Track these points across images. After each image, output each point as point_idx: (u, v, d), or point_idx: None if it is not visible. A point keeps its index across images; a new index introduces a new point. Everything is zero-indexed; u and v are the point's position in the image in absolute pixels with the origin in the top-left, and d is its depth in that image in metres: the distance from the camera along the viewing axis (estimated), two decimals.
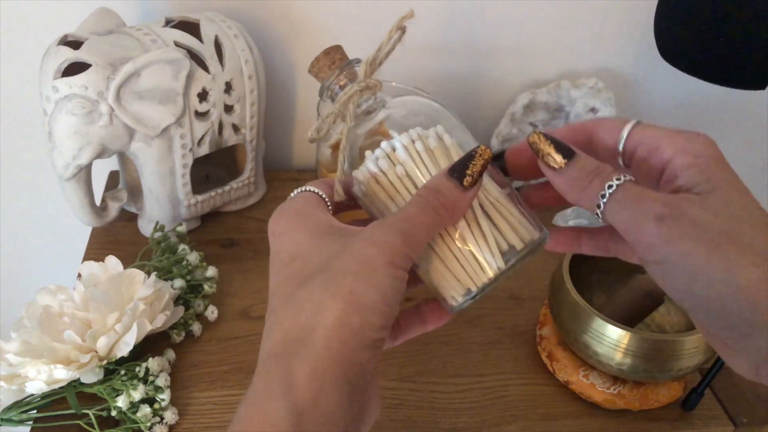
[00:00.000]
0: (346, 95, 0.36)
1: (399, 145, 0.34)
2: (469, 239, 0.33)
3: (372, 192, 0.34)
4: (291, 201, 0.34)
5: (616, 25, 0.80)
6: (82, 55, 0.56)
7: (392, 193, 0.34)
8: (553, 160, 0.31)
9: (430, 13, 0.76)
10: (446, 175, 0.31)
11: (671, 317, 0.61)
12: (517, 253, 0.33)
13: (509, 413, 0.55)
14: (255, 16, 0.74)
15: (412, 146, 0.34)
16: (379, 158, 0.34)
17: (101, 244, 0.68)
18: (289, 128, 0.83)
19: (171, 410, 0.52)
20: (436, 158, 0.34)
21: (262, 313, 0.62)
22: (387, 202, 0.34)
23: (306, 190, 0.34)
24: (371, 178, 0.34)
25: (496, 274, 0.32)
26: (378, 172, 0.34)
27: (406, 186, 0.33)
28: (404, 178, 0.33)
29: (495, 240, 0.33)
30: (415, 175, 0.33)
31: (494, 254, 0.33)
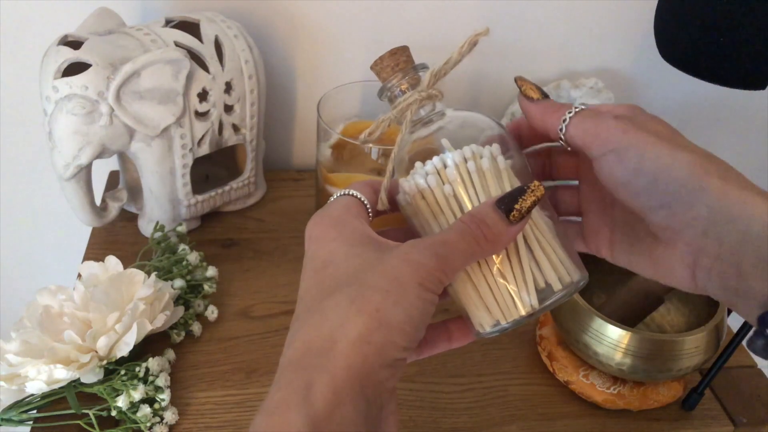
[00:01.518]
0: (406, 102, 0.35)
1: (450, 162, 0.33)
2: (507, 273, 0.32)
3: (416, 205, 0.34)
4: (331, 206, 0.33)
5: (616, 25, 0.80)
6: (82, 55, 0.56)
7: (436, 211, 0.33)
8: (533, 93, 0.35)
9: (429, 14, 0.76)
10: (493, 206, 0.31)
11: (671, 317, 0.61)
12: (554, 294, 0.32)
13: (509, 413, 0.55)
14: (255, 16, 0.74)
15: (464, 165, 0.33)
16: (428, 173, 0.33)
17: (101, 244, 0.68)
18: (289, 128, 0.83)
19: (171, 410, 0.52)
20: (487, 182, 0.33)
21: (262, 313, 0.63)
22: (429, 219, 0.33)
23: (348, 194, 0.34)
24: (417, 192, 0.33)
25: (529, 313, 0.32)
26: (425, 186, 0.33)
27: (452, 207, 0.33)
28: (450, 198, 0.33)
29: (533, 277, 0.32)
30: (462, 197, 0.33)
31: (530, 292, 0.32)
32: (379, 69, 0.36)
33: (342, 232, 0.31)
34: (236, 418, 0.53)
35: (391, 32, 0.77)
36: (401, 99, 0.35)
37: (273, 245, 0.70)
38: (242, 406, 0.54)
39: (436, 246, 0.29)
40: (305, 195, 0.77)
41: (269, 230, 0.72)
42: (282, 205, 0.76)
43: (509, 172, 0.34)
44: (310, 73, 0.79)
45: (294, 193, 0.78)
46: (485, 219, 0.31)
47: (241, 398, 0.55)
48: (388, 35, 0.77)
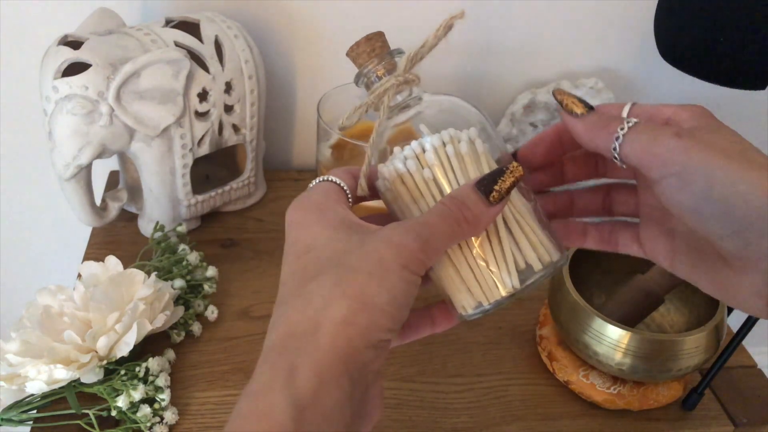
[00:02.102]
0: (383, 87, 0.35)
1: (429, 147, 0.33)
2: (488, 254, 0.32)
3: (396, 190, 0.34)
4: (311, 192, 0.33)
5: (616, 25, 0.80)
6: (82, 55, 0.56)
7: (416, 195, 0.33)
8: (577, 107, 0.32)
9: (429, 14, 0.76)
10: (473, 187, 0.31)
11: (671, 317, 0.61)
12: (534, 274, 0.32)
13: (509, 413, 0.55)
14: (255, 16, 0.74)
15: (443, 149, 0.33)
16: (407, 158, 0.33)
17: (101, 244, 0.68)
18: (289, 128, 0.83)
19: (171, 410, 0.52)
20: (466, 165, 0.33)
21: (262, 313, 0.63)
22: (410, 203, 0.33)
23: (327, 180, 0.34)
24: (397, 177, 0.33)
25: (510, 293, 0.32)
26: (405, 171, 0.33)
27: (432, 191, 0.33)
28: (430, 182, 0.33)
29: (513, 258, 0.32)
30: (441, 181, 0.33)
31: (511, 273, 0.32)
32: (355, 55, 0.36)
33: (323, 217, 0.31)
34: None
35: (391, 32, 0.76)
36: (378, 84, 0.35)
37: (273, 245, 0.70)
38: None
39: (417, 228, 0.29)
40: None
41: (269, 230, 0.72)
42: (282, 205, 0.76)
43: (488, 156, 0.34)
44: (310, 73, 0.79)
45: (294, 193, 0.77)
46: (465, 200, 0.30)
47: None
48: (388, 35, 0.77)
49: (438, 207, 0.31)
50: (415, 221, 0.30)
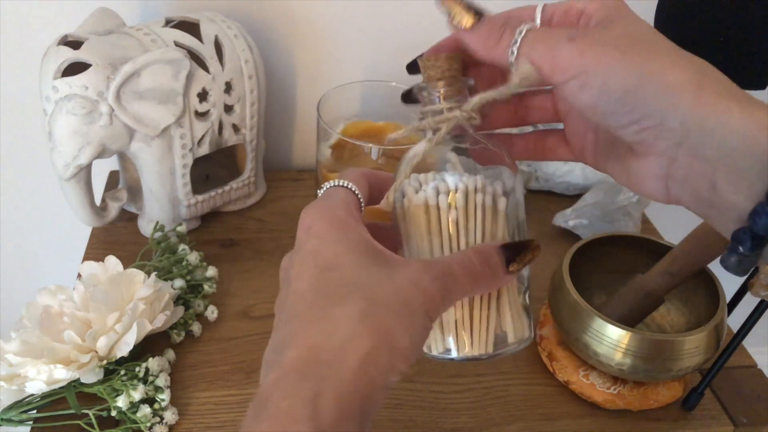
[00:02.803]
0: (448, 117, 0.34)
1: (462, 189, 0.33)
2: (475, 312, 0.33)
3: (414, 215, 0.33)
4: (330, 200, 0.32)
5: None
6: (82, 55, 0.56)
7: (433, 229, 0.33)
8: (465, 19, 0.32)
9: (429, 14, 0.76)
10: (498, 250, 0.31)
11: (671, 317, 0.61)
12: (507, 346, 0.33)
13: (509, 413, 0.55)
14: (255, 16, 0.74)
15: (473, 196, 0.33)
16: (441, 192, 0.33)
17: (101, 244, 0.68)
18: (289, 128, 0.83)
19: (171, 410, 0.52)
20: (486, 219, 0.33)
21: (262, 313, 0.62)
22: (423, 234, 0.33)
23: (343, 185, 0.33)
24: (422, 205, 0.33)
25: (479, 355, 0.33)
26: (433, 204, 0.33)
27: (450, 232, 0.33)
28: (452, 223, 0.33)
29: (494, 325, 0.33)
30: (461, 227, 0.33)
31: (488, 339, 0.33)
32: (430, 65, 0.35)
33: (347, 237, 0.30)
34: (236, 418, 0.53)
35: (391, 32, 0.77)
36: (447, 113, 0.34)
37: (273, 245, 0.70)
38: (242, 406, 0.54)
39: (444, 278, 0.29)
40: (305, 195, 0.77)
41: (269, 230, 0.72)
42: (282, 205, 0.76)
43: (503, 218, 0.34)
44: (310, 73, 0.79)
45: (294, 193, 0.78)
46: (489, 260, 0.31)
47: (241, 398, 0.55)
48: (388, 35, 0.77)
49: (464, 258, 0.30)
50: (442, 268, 0.30)
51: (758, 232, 0.26)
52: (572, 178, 0.79)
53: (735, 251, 0.27)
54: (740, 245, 0.27)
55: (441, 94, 0.34)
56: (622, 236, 0.60)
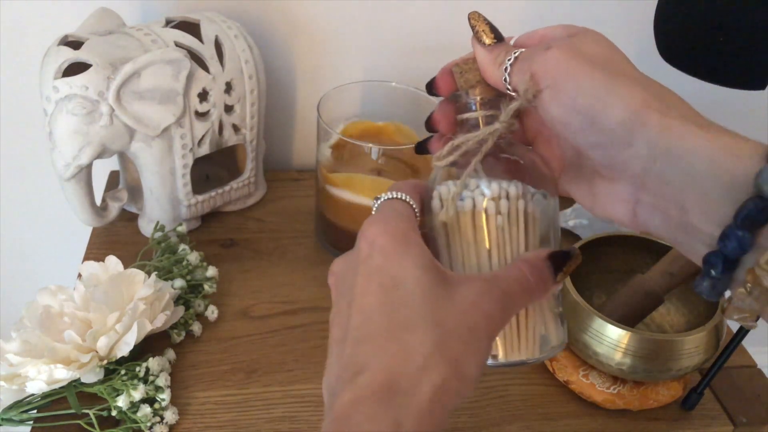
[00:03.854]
0: (490, 131, 0.34)
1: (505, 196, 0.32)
2: (521, 319, 0.33)
3: (460, 225, 0.33)
4: (392, 215, 0.32)
5: (616, 25, 0.80)
6: (83, 55, 0.56)
7: (479, 238, 0.33)
8: (487, 37, 0.34)
9: (429, 14, 0.76)
10: (547, 260, 0.31)
11: (671, 317, 0.61)
12: (549, 350, 0.34)
13: (509, 413, 0.55)
14: (255, 16, 0.74)
15: (515, 202, 0.33)
16: (488, 198, 0.32)
17: (101, 244, 0.68)
18: (289, 128, 0.83)
19: (171, 410, 0.52)
20: (529, 227, 0.33)
21: (262, 313, 0.63)
22: (471, 244, 0.33)
23: (403, 199, 0.33)
24: (468, 212, 0.33)
25: (527, 359, 0.33)
26: (480, 210, 0.32)
27: (497, 240, 0.33)
28: (499, 230, 0.33)
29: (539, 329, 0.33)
30: (508, 234, 0.33)
31: (535, 343, 0.33)
32: (468, 68, 0.35)
33: (410, 252, 0.30)
34: (236, 418, 0.53)
35: (391, 32, 0.77)
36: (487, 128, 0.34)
37: (273, 245, 0.70)
38: (242, 406, 0.54)
39: (504, 298, 0.30)
40: (305, 195, 0.77)
41: (269, 230, 0.72)
42: (282, 205, 0.76)
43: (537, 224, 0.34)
44: (310, 73, 0.79)
45: (294, 193, 0.78)
46: (541, 272, 0.31)
47: (241, 398, 0.55)
48: (388, 35, 0.77)
49: (519, 274, 0.31)
50: (501, 290, 0.30)
51: (728, 255, 0.26)
52: None
53: (707, 275, 0.27)
54: (712, 269, 0.27)
55: (477, 101, 0.34)
56: (622, 236, 0.60)
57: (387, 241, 0.30)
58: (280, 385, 0.56)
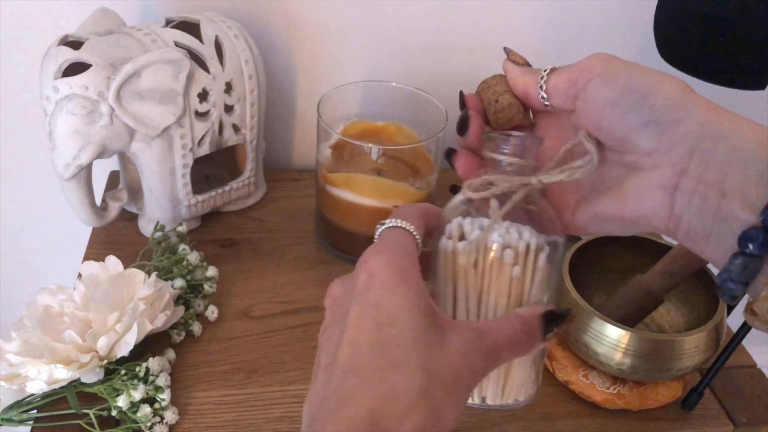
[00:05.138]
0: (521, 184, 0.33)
1: (525, 247, 0.32)
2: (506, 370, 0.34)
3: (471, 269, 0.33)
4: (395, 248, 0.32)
5: (616, 25, 0.80)
6: (83, 55, 0.56)
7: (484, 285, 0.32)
8: (519, 59, 0.36)
9: (429, 14, 0.76)
10: (540, 318, 0.31)
11: (671, 317, 0.61)
12: (517, 403, 0.34)
13: (509, 413, 0.55)
14: (255, 16, 0.74)
15: (533, 255, 0.32)
16: (506, 246, 0.32)
17: (101, 244, 0.68)
18: (289, 128, 0.83)
19: (171, 410, 0.52)
20: (538, 281, 0.33)
21: (262, 313, 0.63)
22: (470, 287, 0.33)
23: (407, 230, 0.33)
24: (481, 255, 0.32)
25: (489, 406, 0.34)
26: (498, 257, 0.32)
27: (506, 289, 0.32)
28: (509, 281, 0.32)
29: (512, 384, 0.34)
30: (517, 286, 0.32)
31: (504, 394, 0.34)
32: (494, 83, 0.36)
33: (408, 290, 0.30)
34: (236, 418, 0.53)
35: (391, 32, 0.77)
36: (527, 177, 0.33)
37: (273, 245, 0.70)
38: (242, 406, 0.54)
39: (491, 353, 0.30)
40: (305, 195, 0.77)
41: (269, 230, 0.72)
42: (282, 205, 0.76)
43: (552, 278, 0.34)
44: (310, 73, 0.79)
45: (294, 193, 0.78)
46: (531, 330, 0.31)
47: (241, 398, 0.55)
48: (388, 35, 0.77)
49: (510, 331, 0.31)
50: (490, 345, 0.30)
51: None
52: None
53: (743, 253, 0.27)
54: (751, 243, 0.27)
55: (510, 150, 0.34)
56: (622, 236, 0.60)
57: (387, 276, 0.30)
58: (280, 385, 0.56)
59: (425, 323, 0.30)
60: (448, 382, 0.29)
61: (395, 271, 0.30)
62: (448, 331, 0.30)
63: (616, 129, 0.32)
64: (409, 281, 0.30)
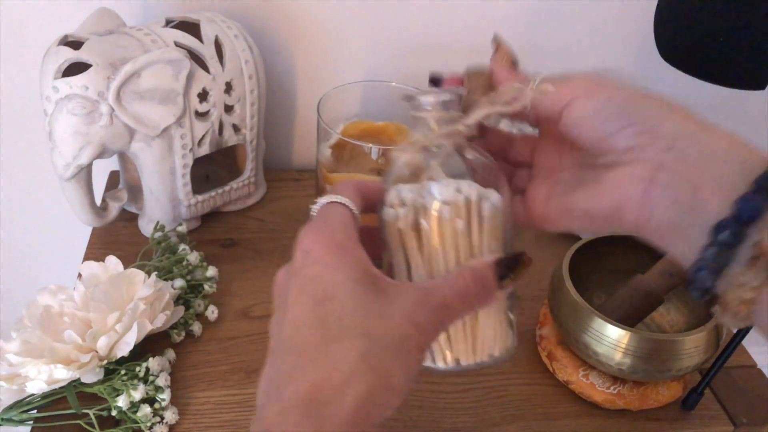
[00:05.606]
0: (449, 132, 0.34)
1: (464, 199, 0.32)
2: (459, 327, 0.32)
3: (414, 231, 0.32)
4: (329, 223, 0.32)
5: (616, 25, 0.80)
6: (83, 55, 0.56)
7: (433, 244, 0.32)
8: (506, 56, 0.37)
9: (429, 14, 0.76)
10: (493, 267, 0.31)
11: (671, 317, 0.61)
12: (494, 358, 0.33)
13: (509, 413, 0.55)
14: (255, 17, 0.74)
15: (475, 205, 0.32)
16: (445, 202, 0.31)
17: (101, 244, 0.68)
18: (289, 128, 0.83)
19: (171, 410, 0.52)
20: (484, 231, 0.32)
21: (262, 313, 0.63)
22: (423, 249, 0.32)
23: (343, 204, 0.33)
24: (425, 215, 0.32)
25: (466, 366, 0.33)
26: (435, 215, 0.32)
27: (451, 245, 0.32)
28: (454, 236, 0.32)
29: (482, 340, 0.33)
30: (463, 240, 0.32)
31: (476, 351, 0.33)
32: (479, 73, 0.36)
33: (345, 262, 0.30)
34: (236, 418, 0.53)
35: (391, 32, 0.77)
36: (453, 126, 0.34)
37: (273, 245, 0.70)
38: (242, 406, 0.54)
39: (439, 310, 0.30)
40: (305, 195, 0.77)
41: (269, 230, 0.72)
42: (282, 205, 0.76)
43: (501, 226, 0.33)
44: (310, 73, 0.79)
45: (294, 193, 0.78)
46: (484, 280, 0.31)
47: (241, 398, 0.55)
48: (388, 35, 0.77)
49: (460, 284, 0.30)
50: (438, 301, 0.30)
51: (743, 214, 0.27)
52: None
53: (715, 243, 0.27)
54: (723, 232, 0.27)
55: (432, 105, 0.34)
56: (622, 236, 0.60)
57: (321, 251, 0.30)
58: None
59: (365, 291, 0.29)
60: (394, 345, 0.28)
61: (329, 245, 0.30)
62: (393, 296, 0.29)
63: (596, 135, 0.32)
64: (345, 253, 0.30)
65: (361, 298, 0.29)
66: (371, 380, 0.27)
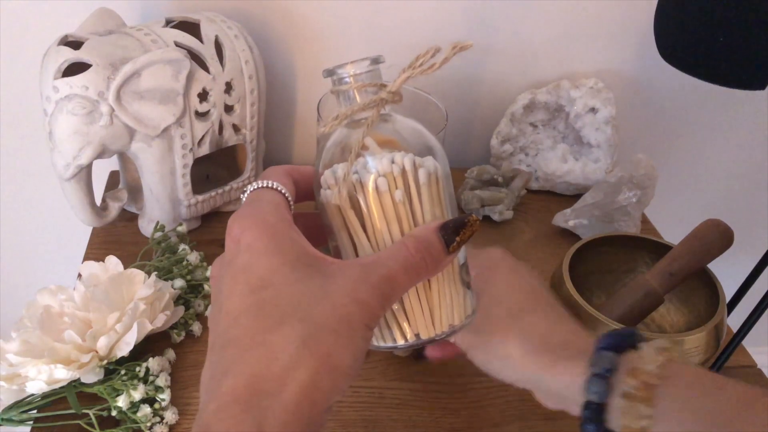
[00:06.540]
0: (373, 101, 0.33)
1: (397, 171, 0.31)
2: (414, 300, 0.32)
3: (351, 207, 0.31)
4: (258, 207, 0.30)
5: (616, 25, 0.80)
6: (83, 55, 0.56)
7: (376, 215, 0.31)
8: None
9: (429, 14, 0.76)
10: (437, 232, 0.30)
11: (671, 317, 0.61)
12: (453, 328, 0.33)
13: (509, 413, 0.55)
14: (255, 16, 0.74)
15: (413, 174, 0.31)
16: (380, 174, 0.31)
17: (101, 244, 0.68)
18: (289, 128, 0.83)
19: (171, 410, 0.52)
20: (424, 199, 0.31)
21: None
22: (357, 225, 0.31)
23: (273, 188, 0.32)
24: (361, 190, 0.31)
25: (427, 339, 0.32)
26: (373, 188, 0.31)
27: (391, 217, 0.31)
28: (393, 207, 0.31)
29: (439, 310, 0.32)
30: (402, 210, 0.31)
31: (434, 323, 0.32)
32: None
33: (280, 247, 0.28)
34: None
35: (390, 32, 0.77)
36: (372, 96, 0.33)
37: None
38: None
39: (383, 283, 0.28)
40: None
41: None
42: None
43: (442, 193, 0.33)
44: (310, 73, 0.79)
45: None
46: (429, 247, 0.30)
47: None
48: (388, 35, 0.77)
49: (403, 254, 0.29)
50: (380, 275, 0.28)
51: None
52: (572, 178, 0.79)
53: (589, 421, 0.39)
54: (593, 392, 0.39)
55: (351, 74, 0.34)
56: (622, 236, 0.60)
57: (253, 238, 0.29)
58: None
59: (303, 274, 0.28)
60: (335, 325, 0.27)
61: (261, 230, 0.29)
62: (333, 276, 0.28)
63: None
64: (278, 236, 0.29)
65: (299, 282, 0.28)
66: (313, 365, 0.26)
